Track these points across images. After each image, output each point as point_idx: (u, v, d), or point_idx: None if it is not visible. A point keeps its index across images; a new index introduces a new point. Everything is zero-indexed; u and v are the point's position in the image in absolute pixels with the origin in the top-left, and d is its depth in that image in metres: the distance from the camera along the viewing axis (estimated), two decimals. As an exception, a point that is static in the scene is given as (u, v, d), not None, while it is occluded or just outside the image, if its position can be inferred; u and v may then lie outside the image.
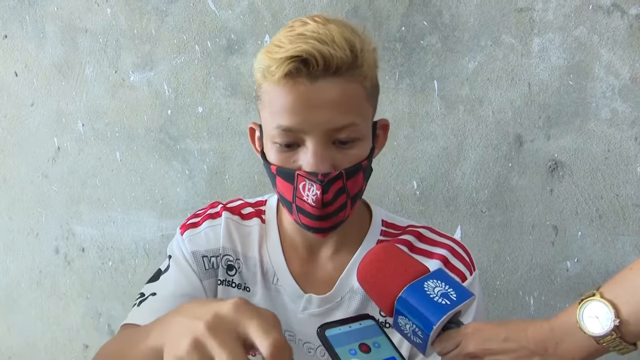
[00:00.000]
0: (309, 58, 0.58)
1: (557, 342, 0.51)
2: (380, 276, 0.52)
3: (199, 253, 0.73)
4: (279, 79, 0.60)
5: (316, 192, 0.61)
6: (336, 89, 0.60)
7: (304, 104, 0.60)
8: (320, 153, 0.61)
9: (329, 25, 0.60)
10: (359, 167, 0.64)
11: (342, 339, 0.49)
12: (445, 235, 0.74)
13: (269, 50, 0.62)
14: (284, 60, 0.59)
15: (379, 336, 0.50)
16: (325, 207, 0.62)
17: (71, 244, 1.45)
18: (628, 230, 1.02)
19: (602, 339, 0.49)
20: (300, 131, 0.61)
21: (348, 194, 0.64)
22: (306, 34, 0.59)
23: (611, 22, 0.97)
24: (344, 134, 0.61)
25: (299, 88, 0.60)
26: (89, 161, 1.39)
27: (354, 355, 0.48)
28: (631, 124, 0.99)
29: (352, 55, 0.60)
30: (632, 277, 0.50)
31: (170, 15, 1.26)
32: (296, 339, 0.71)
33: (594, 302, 0.50)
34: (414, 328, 0.51)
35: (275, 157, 0.64)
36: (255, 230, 0.74)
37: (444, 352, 0.53)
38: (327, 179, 0.61)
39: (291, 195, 0.64)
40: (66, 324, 1.49)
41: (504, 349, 0.51)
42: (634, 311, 0.48)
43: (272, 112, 0.63)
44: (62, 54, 1.37)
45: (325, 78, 0.59)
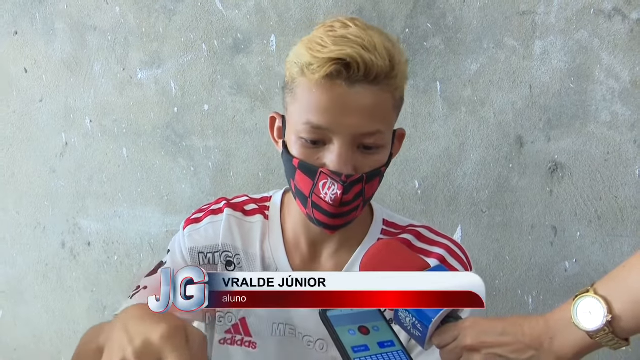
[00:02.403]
0: (351, 62, 0.59)
1: (552, 336, 0.52)
2: (382, 270, 0.54)
3: (195, 249, 0.75)
4: (319, 78, 0.61)
5: (336, 192, 0.62)
6: (371, 96, 0.61)
7: (338, 106, 0.61)
8: (345, 155, 0.62)
9: (369, 32, 0.62)
10: (378, 173, 0.66)
11: (343, 320, 0.51)
12: (444, 236, 0.76)
13: (310, 47, 0.62)
14: (328, 61, 0.60)
15: (379, 321, 0.52)
16: (342, 206, 0.64)
17: (77, 238, 1.47)
18: (626, 232, 1.03)
19: (595, 334, 0.51)
20: (329, 130, 0.62)
21: (364, 197, 0.66)
22: (349, 37, 0.60)
23: (612, 26, 0.99)
24: (370, 140, 0.63)
25: (336, 90, 0.61)
26: (96, 157, 1.41)
27: (353, 335, 0.50)
28: (631, 127, 1.00)
29: (390, 65, 0.61)
30: (626, 274, 0.52)
31: (178, 14, 1.27)
32: (296, 332, 0.73)
33: (588, 298, 0.51)
34: (414, 321, 0.53)
35: (298, 151, 0.65)
36: (257, 226, 0.76)
37: (442, 344, 0.54)
38: (350, 180, 0.62)
39: (309, 190, 0.65)
40: (71, 317, 1.51)
41: (500, 342, 0.53)
42: (626, 307, 0.50)
43: (303, 107, 0.63)
44: (71, 51, 1.39)
45: (362, 84, 0.61)
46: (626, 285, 0.51)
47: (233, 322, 0.75)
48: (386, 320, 0.53)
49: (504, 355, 0.53)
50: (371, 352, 0.49)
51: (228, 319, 0.75)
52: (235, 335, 0.75)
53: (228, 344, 0.75)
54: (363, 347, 0.50)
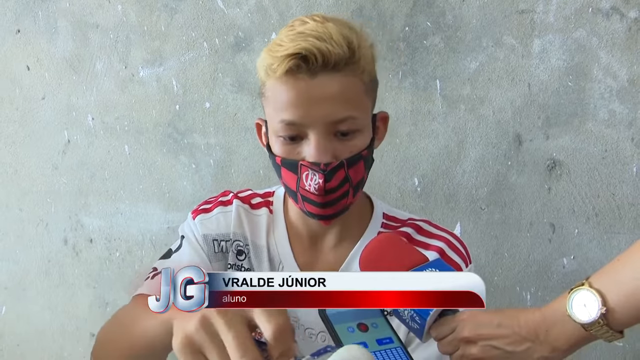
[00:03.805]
0: (308, 55, 0.61)
1: (548, 329, 0.53)
2: (381, 263, 0.55)
3: (210, 236, 0.76)
4: (280, 76, 0.63)
5: (319, 181, 0.64)
6: (335, 83, 0.63)
7: (305, 98, 0.63)
8: (322, 144, 0.64)
9: (327, 24, 0.63)
10: (359, 157, 0.67)
11: (342, 317, 0.51)
12: (443, 229, 0.77)
13: (270, 49, 0.65)
14: (285, 57, 0.62)
15: (378, 318, 0.53)
16: (328, 194, 0.65)
17: (79, 234, 1.48)
18: (623, 229, 1.04)
19: (590, 327, 0.52)
20: (302, 124, 0.64)
21: (351, 183, 0.67)
22: (305, 32, 0.62)
23: (610, 25, 1.00)
24: (344, 126, 0.65)
25: (299, 84, 0.63)
26: (98, 154, 1.42)
27: (352, 332, 0.50)
28: (628, 125, 1.01)
29: (349, 51, 0.63)
30: (620, 268, 0.53)
31: (179, 12, 1.28)
32: (299, 324, 0.74)
33: (583, 291, 0.52)
34: (412, 314, 0.54)
35: (279, 150, 0.67)
36: (263, 219, 0.78)
37: (440, 337, 0.55)
38: (329, 168, 0.64)
39: (295, 184, 0.67)
40: (74, 313, 1.52)
41: (497, 334, 0.54)
42: (620, 300, 0.51)
43: (275, 107, 0.66)
44: (73, 48, 1.40)
45: (324, 73, 0.63)
46: (620, 279, 0.52)
47: None
48: (385, 318, 0.53)
49: (500, 347, 0.54)
50: (370, 349, 0.50)
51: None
52: None
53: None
54: (362, 344, 0.50)
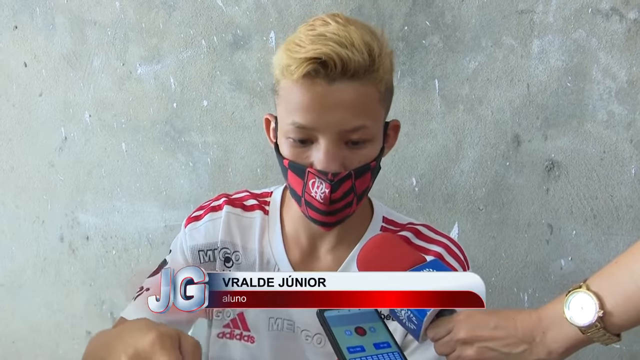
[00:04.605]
0: (327, 60, 0.60)
1: (544, 331, 0.53)
2: (379, 263, 0.55)
3: (196, 248, 0.76)
4: (297, 79, 0.62)
5: (325, 191, 0.63)
6: (351, 91, 0.62)
7: (319, 104, 0.62)
8: (331, 152, 0.63)
9: (349, 27, 0.62)
10: (367, 168, 0.66)
11: (340, 321, 0.51)
12: (442, 234, 0.76)
13: (289, 49, 0.63)
14: (304, 60, 0.60)
15: (376, 322, 0.53)
16: (332, 204, 0.64)
17: (76, 232, 1.47)
18: (621, 230, 1.04)
19: (587, 330, 0.51)
20: (313, 129, 0.63)
21: (355, 193, 0.66)
22: (327, 34, 0.61)
23: (609, 26, 0.99)
24: (356, 136, 0.63)
25: (316, 88, 0.61)
26: (95, 151, 1.42)
27: (349, 335, 0.50)
28: (627, 126, 1.01)
29: (369, 59, 0.62)
30: (617, 270, 0.53)
31: (177, 9, 1.28)
32: (295, 327, 0.74)
33: (580, 293, 0.52)
34: (409, 314, 0.54)
35: (288, 151, 0.66)
36: (256, 222, 0.77)
37: (436, 337, 0.55)
38: (337, 178, 0.63)
39: (301, 189, 0.66)
40: (69, 311, 1.51)
41: (493, 336, 0.54)
42: (618, 303, 0.50)
43: (288, 108, 0.64)
44: (70, 45, 1.39)
45: (342, 80, 0.61)
46: (618, 281, 0.52)
47: (231, 316, 0.76)
48: (383, 322, 0.53)
49: (496, 349, 0.53)
50: (367, 353, 0.50)
51: (226, 313, 0.76)
52: (234, 330, 0.75)
53: (226, 338, 0.75)
54: (359, 347, 0.50)
